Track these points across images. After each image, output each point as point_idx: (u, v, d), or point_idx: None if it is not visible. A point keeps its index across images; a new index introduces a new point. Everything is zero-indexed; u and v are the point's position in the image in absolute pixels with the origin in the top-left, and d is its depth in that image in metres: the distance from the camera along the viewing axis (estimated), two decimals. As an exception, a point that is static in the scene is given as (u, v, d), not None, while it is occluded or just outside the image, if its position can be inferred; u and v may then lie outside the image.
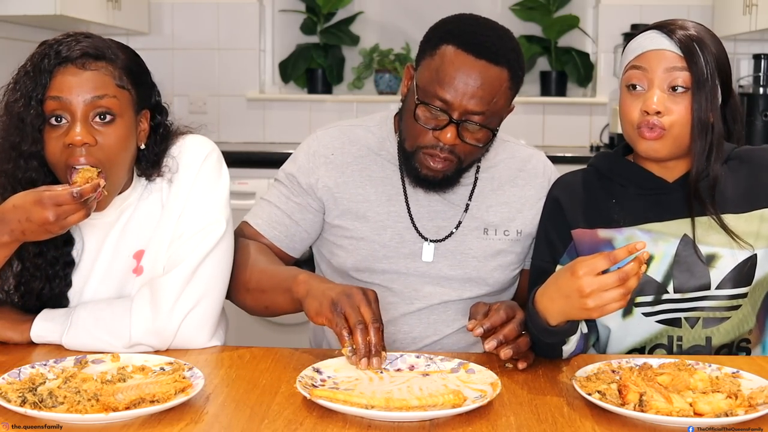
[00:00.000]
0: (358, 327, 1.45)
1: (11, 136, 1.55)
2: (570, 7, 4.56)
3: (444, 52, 1.66)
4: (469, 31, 1.68)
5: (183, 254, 1.63)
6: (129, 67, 1.59)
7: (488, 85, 1.64)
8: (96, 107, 1.53)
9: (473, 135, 1.68)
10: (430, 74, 1.67)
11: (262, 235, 1.83)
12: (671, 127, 1.61)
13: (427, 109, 1.67)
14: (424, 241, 1.81)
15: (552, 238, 1.74)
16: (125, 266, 1.67)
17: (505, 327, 1.53)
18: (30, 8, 3.34)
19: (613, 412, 1.31)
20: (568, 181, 1.80)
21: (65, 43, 1.55)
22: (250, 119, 4.55)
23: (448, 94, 1.64)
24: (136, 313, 1.58)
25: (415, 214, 1.82)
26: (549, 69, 4.58)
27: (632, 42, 1.70)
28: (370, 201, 1.81)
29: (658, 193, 1.69)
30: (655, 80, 1.62)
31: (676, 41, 1.63)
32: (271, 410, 1.34)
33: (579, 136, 4.56)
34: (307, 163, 1.83)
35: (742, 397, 1.33)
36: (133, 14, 4.09)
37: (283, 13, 4.61)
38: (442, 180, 1.75)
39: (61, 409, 1.27)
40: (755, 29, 3.71)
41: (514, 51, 1.70)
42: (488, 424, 1.30)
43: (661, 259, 1.66)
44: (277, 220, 1.83)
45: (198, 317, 1.62)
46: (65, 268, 1.64)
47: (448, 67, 1.64)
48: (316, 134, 1.87)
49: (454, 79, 1.63)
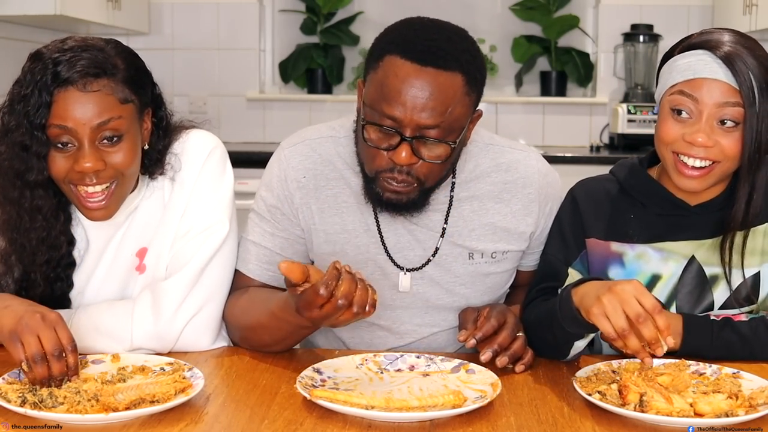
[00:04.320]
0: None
1: (15, 164, 1.51)
2: (570, 7, 4.56)
3: (387, 64, 1.50)
4: (412, 38, 1.51)
5: (186, 256, 1.62)
6: (130, 77, 1.54)
7: (439, 95, 1.47)
8: (102, 131, 1.50)
9: (431, 152, 1.52)
10: (375, 90, 1.51)
11: (255, 279, 1.69)
12: (717, 162, 1.54)
13: (376, 129, 1.52)
14: (400, 271, 1.69)
15: (566, 237, 1.70)
16: (128, 264, 1.66)
17: (499, 335, 1.50)
18: (30, 8, 3.33)
19: (614, 412, 1.31)
20: (591, 187, 1.74)
21: (63, 62, 1.48)
22: (250, 119, 4.55)
23: (396, 111, 1.47)
24: (138, 318, 1.57)
25: (390, 241, 1.68)
26: (549, 69, 4.58)
27: (680, 59, 1.57)
28: (348, 231, 1.68)
29: (677, 215, 1.65)
30: (704, 112, 1.52)
31: (732, 72, 1.51)
32: (271, 410, 1.33)
33: (579, 136, 4.56)
34: (283, 191, 1.68)
35: (743, 398, 1.33)
36: (133, 14, 4.09)
37: (283, 13, 4.61)
38: (407, 203, 1.58)
39: (61, 409, 1.27)
40: (755, 29, 3.71)
41: (468, 52, 1.53)
42: (488, 424, 1.30)
43: (668, 279, 1.64)
44: (267, 261, 1.69)
45: (201, 322, 1.61)
46: (66, 269, 1.63)
47: (392, 80, 1.48)
48: (283, 153, 1.70)
49: (400, 93, 1.47)
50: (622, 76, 4.51)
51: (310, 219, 1.68)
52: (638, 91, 4.41)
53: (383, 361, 1.53)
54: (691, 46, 1.57)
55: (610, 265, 1.66)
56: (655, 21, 4.44)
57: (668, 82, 1.58)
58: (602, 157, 4.16)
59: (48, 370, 1.34)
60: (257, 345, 1.62)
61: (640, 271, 1.64)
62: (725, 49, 1.53)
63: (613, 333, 1.37)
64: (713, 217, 1.63)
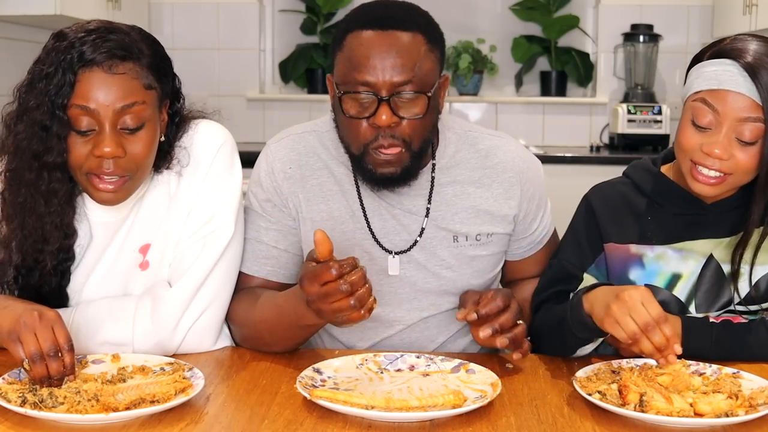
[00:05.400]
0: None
1: (33, 144, 1.46)
2: (570, 7, 4.56)
3: (350, 40, 1.57)
4: (369, 11, 1.61)
5: (189, 261, 1.60)
6: (154, 62, 1.52)
7: (405, 52, 1.54)
8: (125, 115, 1.47)
9: (410, 108, 1.56)
10: (344, 65, 1.57)
11: (255, 276, 1.70)
12: (730, 174, 1.54)
13: (353, 98, 1.56)
14: (389, 255, 1.71)
15: (582, 243, 1.70)
16: (131, 261, 1.63)
17: (501, 316, 1.50)
18: (30, 8, 3.33)
19: (614, 412, 1.31)
20: (606, 192, 1.73)
21: (89, 42, 1.45)
22: (250, 119, 4.56)
23: (368, 76, 1.54)
24: (139, 329, 1.55)
25: (376, 227, 1.70)
26: (549, 69, 4.58)
27: (708, 65, 1.55)
28: (334, 218, 1.70)
29: (694, 214, 1.65)
30: (724, 125, 1.51)
31: (758, 86, 1.49)
32: (271, 410, 1.33)
33: (579, 136, 4.56)
34: (271, 183, 1.71)
35: (743, 398, 1.33)
36: (133, 14, 4.09)
37: (283, 13, 4.61)
38: (402, 174, 1.61)
39: (61, 409, 1.27)
40: (755, 29, 3.71)
41: (423, 16, 1.61)
42: (488, 424, 1.30)
43: (688, 278, 1.64)
44: (264, 255, 1.70)
45: (203, 325, 1.60)
46: (64, 262, 1.59)
47: (358, 50, 1.55)
48: (269, 148, 1.74)
49: (368, 58, 1.54)
50: (622, 76, 4.51)
51: (298, 208, 1.71)
52: (638, 91, 4.42)
53: (383, 361, 1.53)
54: (721, 53, 1.54)
55: (630, 268, 1.66)
56: (655, 21, 4.44)
57: (693, 87, 1.57)
58: (602, 157, 4.17)
59: (46, 370, 1.34)
60: (258, 344, 1.63)
61: (660, 271, 1.64)
62: (752, 61, 1.50)
63: (627, 338, 1.40)
64: (731, 216, 1.63)
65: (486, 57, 4.56)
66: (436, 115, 1.65)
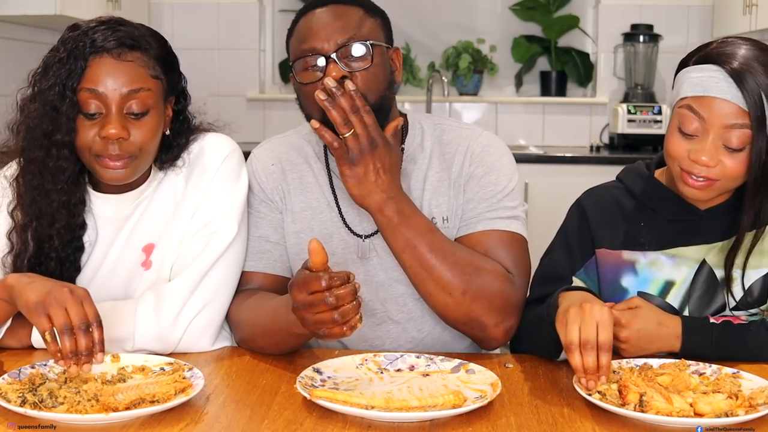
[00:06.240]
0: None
1: (44, 123, 1.55)
2: (570, 7, 4.57)
3: (298, 23, 1.69)
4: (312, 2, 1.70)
5: (191, 257, 1.62)
6: (162, 56, 1.62)
7: (345, 16, 1.65)
8: (131, 100, 1.55)
9: (357, 59, 1.63)
10: (294, 44, 1.68)
11: (253, 272, 1.73)
12: (718, 180, 1.53)
13: (303, 66, 1.65)
14: (359, 239, 1.75)
15: (572, 246, 1.70)
16: (134, 259, 1.67)
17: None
18: (30, 8, 3.34)
19: (614, 412, 1.31)
20: (599, 196, 1.73)
21: (100, 31, 1.56)
22: (250, 119, 4.56)
23: (313, 41, 1.63)
24: (141, 320, 1.57)
25: (349, 216, 1.75)
26: (549, 69, 4.58)
27: (694, 71, 1.54)
28: (313, 208, 1.76)
29: (687, 220, 1.65)
30: (711, 132, 1.50)
31: (742, 92, 1.48)
32: (271, 410, 1.34)
33: (579, 136, 4.56)
34: (256, 182, 1.78)
35: (743, 398, 1.33)
36: (133, 14, 4.09)
37: (283, 13, 4.61)
38: None
39: (61, 409, 1.27)
40: (755, 29, 3.71)
41: None
42: (488, 424, 1.30)
43: (681, 285, 1.63)
44: (258, 250, 1.74)
45: (201, 323, 1.61)
46: (75, 252, 1.65)
47: (303, 26, 1.67)
48: (253, 153, 1.84)
49: (310, 26, 1.65)
50: (622, 76, 4.52)
51: (282, 201, 1.77)
52: (638, 91, 4.42)
53: (383, 361, 1.53)
54: (707, 58, 1.53)
55: (622, 274, 1.65)
56: (655, 21, 4.44)
57: (679, 93, 1.56)
58: (602, 157, 4.17)
59: (75, 344, 1.36)
60: (254, 346, 1.64)
61: (653, 278, 1.64)
62: (738, 66, 1.48)
63: (565, 343, 1.39)
64: (724, 221, 1.62)
65: (486, 57, 4.56)
66: (388, 75, 1.68)
